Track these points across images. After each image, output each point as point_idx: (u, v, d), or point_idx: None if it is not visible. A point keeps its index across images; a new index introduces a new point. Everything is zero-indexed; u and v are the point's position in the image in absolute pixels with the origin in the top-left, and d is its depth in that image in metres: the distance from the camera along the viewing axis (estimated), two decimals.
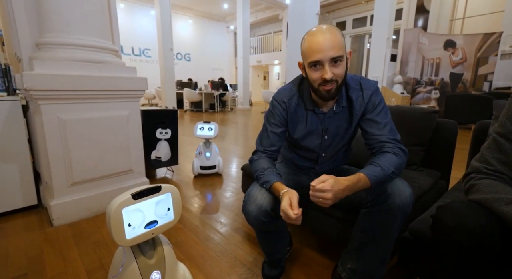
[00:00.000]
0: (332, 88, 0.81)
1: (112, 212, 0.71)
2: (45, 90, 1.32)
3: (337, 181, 0.72)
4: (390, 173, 0.76)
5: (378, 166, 0.77)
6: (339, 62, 0.79)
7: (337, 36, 0.78)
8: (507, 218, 0.57)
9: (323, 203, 0.72)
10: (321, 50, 0.77)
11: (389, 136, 0.85)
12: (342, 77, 0.82)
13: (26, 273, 1.08)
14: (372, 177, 0.75)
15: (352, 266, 0.88)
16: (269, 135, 0.96)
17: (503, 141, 0.67)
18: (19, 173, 1.56)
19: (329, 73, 0.78)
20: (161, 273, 0.81)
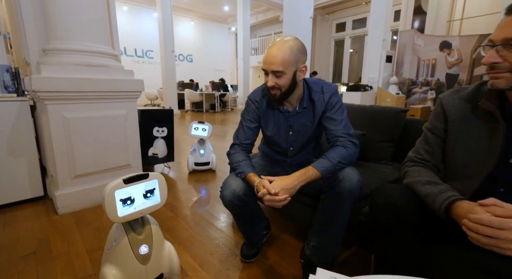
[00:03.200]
0: (276, 93, 0.97)
1: (106, 193, 0.86)
2: (51, 92, 1.48)
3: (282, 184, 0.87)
4: (336, 163, 0.90)
5: (326, 158, 0.92)
6: (280, 75, 0.93)
7: (284, 53, 0.91)
8: (421, 196, 0.71)
9: (277, 206, 0.87)
10: (266, 62, 0.93)
11: (342, 131, 0.98)
12: (286, 86, 0.96)
13: (35, 252, 1.23)
14: (320, 168, 0.89)
15: (314, 244, 1.01)
16: (245, 130, 1.11)
17: (429, 134, 0.80)
18: (27, 167, 1.72)
19: (270, 82, 0.94)
20: (149, 247, 0.95)
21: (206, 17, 12.00)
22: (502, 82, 0.62)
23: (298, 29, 3.75)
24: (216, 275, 1.09)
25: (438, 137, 0.78)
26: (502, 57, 0.60)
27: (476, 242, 0.56)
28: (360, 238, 1.07)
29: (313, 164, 0.91)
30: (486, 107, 0.68)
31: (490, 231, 0.53)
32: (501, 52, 0.60)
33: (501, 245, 0.52)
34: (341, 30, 10.02)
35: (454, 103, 0.75)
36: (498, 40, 0.60)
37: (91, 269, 1.11)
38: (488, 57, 0.62)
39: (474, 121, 0.71)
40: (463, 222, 0.58)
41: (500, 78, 0.62)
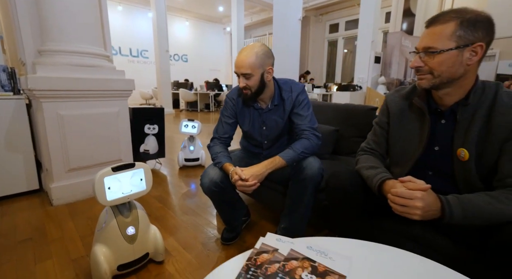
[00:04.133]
0: (247, 93, 1.10)
1: (96, 179, 0.97)
2: (46, 90, 1.58)
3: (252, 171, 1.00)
4: (300, 153, 1.03)
5: (291, 148, 1.05)
6: (249, 77, 1.06)
7: (251, 58, 1.04)
8: (364, 179, 0.84)
9: (248, 191, 1.00)
10: (237, 66, 1.07)
11: (307, 125, 1.11)
12: (255, 87, 1.09)
13: (31, 237, 1.34)
14: (286, 157, 1.02)
15: (284, 225, 1.14)
16: (223, 125, 1.23)
17: (377, 127, 0.94)
18: (23, 162, 1.82)
19: (241, 83, 1.08)
20: (135, 228, 1.07)
21: (201, 17, 12.08)
22: (425, 82, 0.75)
23: (287, 31, 3.88)
24: (197, 255, 1.21)
25: (383, 129, 0.92)
26: (424, 62, 0.73)
27: (395, 211, 0.69)
28: (329, 222, 1.20)
29: (280, 154, 1.04)
30: (417, 104, 0.81)
31: (402, 201, 0.66)
32: (423, 58, 0.73)
33: (409, 211, 0.65)
34: (335, 31, 10.19)
35: (395, 100, 0.89)
36: (420, 48, 0.74)
37: (84, 251, 1.22)
38: (414, 62, 0.75)
39: (409, 115, 0.85)
40: (387, 196, 0.71)
41: (423, 79, 0.75)
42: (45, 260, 1.16)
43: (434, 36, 0.70)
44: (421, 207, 0.64)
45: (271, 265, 0.55)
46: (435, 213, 0.65)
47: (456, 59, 0.68)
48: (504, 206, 0.61)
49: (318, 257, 0.57)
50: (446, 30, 0.68)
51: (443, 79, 0.71)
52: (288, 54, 4.07)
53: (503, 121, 0.67)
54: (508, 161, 0.67)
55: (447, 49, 0.68)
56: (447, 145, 0.77)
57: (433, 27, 0.71)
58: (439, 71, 0.70)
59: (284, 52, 4.00)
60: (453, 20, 0.67)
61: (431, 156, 0.80)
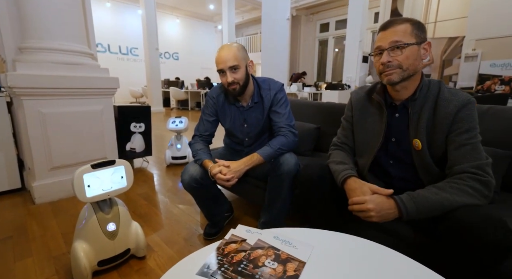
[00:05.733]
0: (236, 87, 1.12)
1: (75, 176, 0.99)
2: (27, 88, 1.56)
3: (232, 167, 1.04)
4: (277, 149, 1.07)
5: (268, 145, 1.09)
6: (237, 69, 1.09)
7: (234, 51, 1.08)
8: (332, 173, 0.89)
9: (227, 185, 1.04)
10: (222, 61, 1.08)
11: (285, 122, 1.15)
12: (243, 79, 1.12)
13: (12, 236, 1.33)
14: (263, 154, 1.06)
15: (264, 220, 1.18)
16: (204, 122, 1.25)
17: (344, 122, 1.00)
18: (4, 160, 1.79)
19: (229, 78, 1.09)
20: (116, 225, 1.08)
21: (191, 15, 11.98)
22: (395, 76, 0.80)
23: (275, 30, 3.92)
24: (179, 251, 1.23)
25: (349, 123, 0.98)
26: (392, 58, 0.78)
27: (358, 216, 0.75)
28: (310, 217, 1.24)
29: (258, 151, 1.08)
30: (376, 99, 0.87)
31: (356, 207, 0.74)
32: (391, 54, 0.78)
33: (365, 214, 0.72)
34: (325, 30, 10.29)
35: (358, 97, 0.94)
36: (387, 45, 0.78)
37: (65, 248, 1.23)
38: (383, 58, 0.80)
39: (370, 109, 0.91)
40: (349, 208, 0.78)
41: (392, 73, 0.80)
42: (25, 258, 1.16)
43: (399, 33, 0.77)
44: (372, 208, 0.71)
45: (237, 254, 0.58)
46: (392, 213, 0.71)
47: (417, 53, 0.77)
48: (448, 195, 0.67)
49: (282, 246, 0.61)
50: (407, 28, 0.77)
51: (410, 72, 0.78)
52: (277, 53, 4.11)
53: (445, 113, 0.75)
54: (453, 150, 0.74)
55: (412, 43, 0.76)
56: (402, 136, 0.85)
57: (393, 28, 0.78)
58: (407, 64, 0.77)
59: (273, 51, 4.04)
60: (408, 22, 0.77)
61: (390, 147, 0.87)
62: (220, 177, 1.01)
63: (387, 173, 0.88)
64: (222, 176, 1.00)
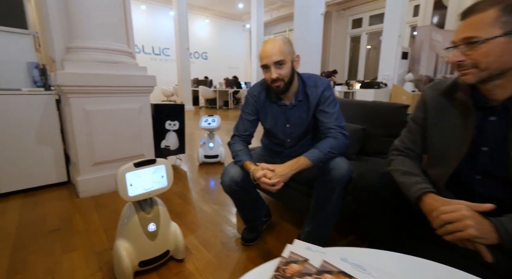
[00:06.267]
0: (280, 84, 1.03)
1: (118, 175, 0.97)
2: (73, 86, 1.63)
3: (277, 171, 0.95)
4: (326, 152, 0.96)
5: (317, 148, 0.98)
6: (282, 65, 1.00)
7: (280, 45, 0.99)
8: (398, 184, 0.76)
9: (271, 190, 0.95)
10: (266, 56, 1.00)
11: (334, 123, 1.04)
12: (288, 76, 1.03)
13: (59, 228, 1.39)
14: (311, 158, 0.96)
15: (308, 229, 1.08)
16: (244, 122, 1.19)
17: (412, 124, 0.86)
18: (53, 155, 1.90)
19: (274, 74, 1.01)
20: (156, 225, 1.06)
21: (220, 14, 12.14)
22: (470, 77, 0.66)
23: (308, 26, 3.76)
24: (217, 255, 1.18)
25: (420, 126, 0.83)
26: (466, 56, 0.64)
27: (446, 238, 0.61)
28: (355, 227, 1.12)
29: (305, 154, 0.98)
30: (461, 98, 0.72)
31: (452, 227, 0.58)
32: (464, 51, 0.64)
33: (460, 235, 0.57)
34: (358, 26, 9.80)
35: (433, 95, 0.80)
36: (459, 41, 0.65)
37: (107, 244, 1.24)
38: (453, 56, 0.66)
39: (450, 111, 0.76)
40: (439, 232, 0.62)
41: (467, 74, 0.66)
42: (71, 251, 1.19)
43: (475, 25, 0.62)
44: (471, 224, 0.56)
45: (303, 278, 0.50)
46: (490, 238, 0.57)
47: (506, 46, 0.60)
48: None
49: (354, 271, 0.51)
50: (488, 17, 0.60)
51: (493, 71, 0.63)
52: (309, 51, 3.95)
53: None
54: None
55: (493, 37, 0.60)
56: (498, 145, 0.68)
57: (471, 17, 0.62)
58: (485, 63, 0.62)
59: (305, 48, 3.88)
60: (494, 7, 0.60)
61: (479, 158, 0.71)
62: (264, 181, 0.93)
63: (471, 191, 0.72)
64: (267, 180, 0.93)
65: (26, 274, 1.04)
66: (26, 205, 1.64)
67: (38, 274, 1.04)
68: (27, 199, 1.73)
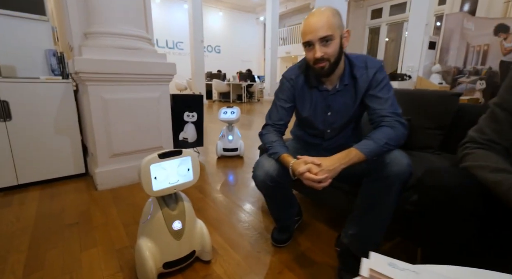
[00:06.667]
0: (325, 66, 0.88)
1: (142, 167, 0.87)
2: (91, 73, 1.54)
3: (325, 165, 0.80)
4: (383, 144, 0.81)
5: (370, 139, 0.83)
6: (329, 41, 0.84)
7: (328, 17, 0.83)
8: (488, 183, 0.60)
9: (318, 187, 0.80)
10: (310, 31, 0.84)
11: (389, 110, 0.88)
12: (334, 55, 0.87)
13: (78, 222, 1.31)
14: (364, 150, 0.80)
15: (353, 231, 0.94)
16: (278, 109, 1.05)
17: (499, 110, 0.69)
18: (70, 146, 1.84)
19: (318, 52, 0.85)
20: (182, 223, 0.95)
21: (234, 7, 11.92)
22: None
23: None
24: (246, 257, 1.07)
25: (510, 113, 0.66)
26: None
27: None
28: (405, 229, 0.97)
29: (357, 145, 0.83)
30: None
31: None
32: None
33: None
34: (377, 17, 9.35)
35: None
36: None
37: (127, 241, 1.15)
38: None
39: None
40: None
41: None
42: (90, 248, 1.11)
43: None
44: None
45: None
46: None
47: None
48: None
49: None
50: None
51: None
52: None
53: None
54: None
55: None
56: None
57: None
58: None
59: None
60: None
61: None
62: (309, 177, 0.79)
63: None
64: (312, 176, 0.79)
65: (43, 273, 0.97)
66: (43, 197, 1.58)
67: (55, 273, 0.96)
68: (45, 190, 1.68)
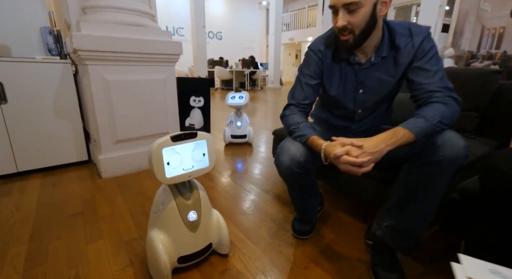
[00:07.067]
0: (349, 39, 0.76)
1: (153, 150, 0.76)
2: (91, 51, 1.41)
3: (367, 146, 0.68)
4: (436, 123, 0.69)
5: (421, 116, 0.71)
6: (355, 9, 0.71)
7: None
8: None
9: (358, 172, 0.68)
10: None
11: (438, 84, 0.75)
12: (361, 27, 0.74)
13: (82, 212, 1.23)
14: (415, 129, 0.68)
15: (389, 223, 0.84)
16: (303, 87, 0.92)
17: None
18: (71, 131, 1.73)
19: (340, 21, 0.73)
20: (197, 214, 0.86)
21: None
22: None
23: None
24: (265, 249, 0.98)
25: None
26: None
27: None
28: (447, 219, 0.87)
29: (404, 124, 0.71)
30: None
31: None
32: None
33: None
34: None
35: None
36: None
37: (136, 233, 1.07)
38: None
39: None
40: None
41: None
42: (96, 240, 1.02)
43: None
44: None
45: None
46: None
47: None
48: None
49: None
50: None
51: None
52: None
53: None
54: None
55: None
56: None
57: None
58: None
59: None
60: None
61: None
62: (348, 160, 0.68)
63: None
64: (352, 158, 0.67)
65: (47, 266, 0.88)
66: (45, 185, 1.49)
67: (60, 267, 0.88)
68: (46, 178, 1.59)
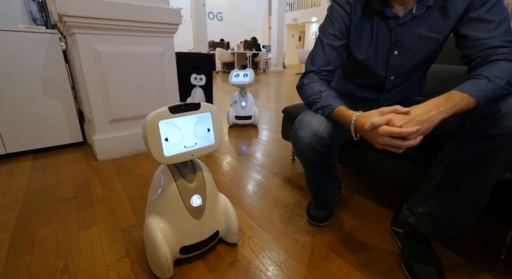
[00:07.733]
0: None
1: (148, 123, 0.62)
2: (78, 17, 1.24)
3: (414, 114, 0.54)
4: (504, 85, 0.55)
5: (483, 77, 0.56)
6: None
7: None
8: None
9: (403, 146, 0.54)
10: None
11: (503, 38, 0.60)
12: None
13: (75, 196, 1.12)
14: (476, 91, 0.54)
15: (426, 209, 0.71)
16: (325, 49, 0.77)
17: None
18: (63, 110, 1.60)
19: None
20: (202, 198, 0.74)
21: None
22: None
23: None
24: (278, 237, 0.87)
25: None
26: None
27: None
28: (495, 203, 0.75)
29: (460, 87, 0.57)
30: None
31: None
32: None
33: None
34: None
35: None
36: None
37: (134, 219, 0.96)
38: None
39: None
40: None
41: None
42: (89, 227, 0.92)
43: None
44: None
45: None
46: None
47: None
48: None
49: None
50: None
51: None
52: None
53: None
54: None
55: None
56: None
57: None
58: None
59: None
60: None
61: None
62: (390, 131, 0.54)
63: None
64: (396, 128, 0.54)
65: (32, 256, 0.78)
66: (36, 168, 1.38)
67: (47, 257, 0.78)
68: (38, 160, 1.48)
